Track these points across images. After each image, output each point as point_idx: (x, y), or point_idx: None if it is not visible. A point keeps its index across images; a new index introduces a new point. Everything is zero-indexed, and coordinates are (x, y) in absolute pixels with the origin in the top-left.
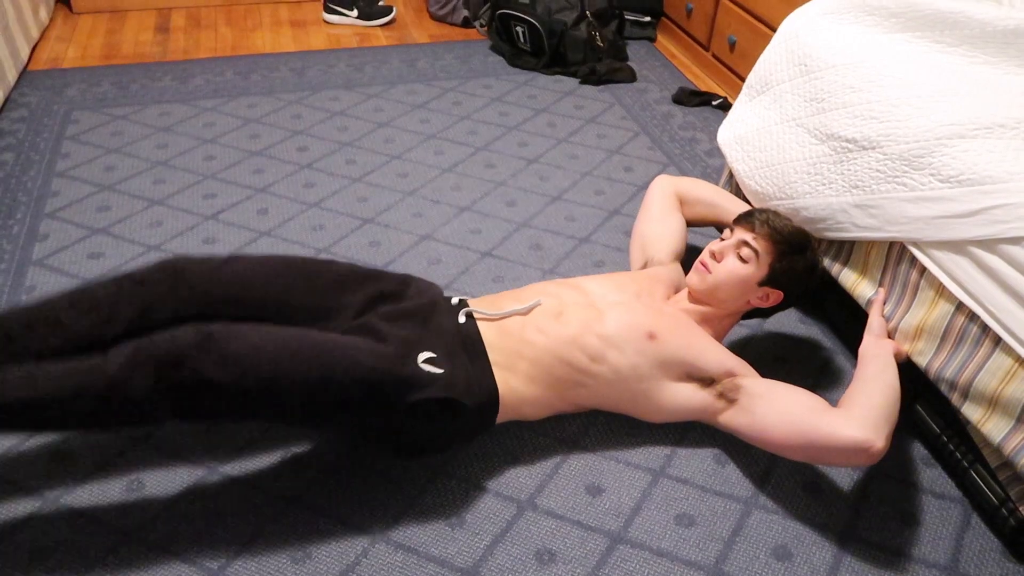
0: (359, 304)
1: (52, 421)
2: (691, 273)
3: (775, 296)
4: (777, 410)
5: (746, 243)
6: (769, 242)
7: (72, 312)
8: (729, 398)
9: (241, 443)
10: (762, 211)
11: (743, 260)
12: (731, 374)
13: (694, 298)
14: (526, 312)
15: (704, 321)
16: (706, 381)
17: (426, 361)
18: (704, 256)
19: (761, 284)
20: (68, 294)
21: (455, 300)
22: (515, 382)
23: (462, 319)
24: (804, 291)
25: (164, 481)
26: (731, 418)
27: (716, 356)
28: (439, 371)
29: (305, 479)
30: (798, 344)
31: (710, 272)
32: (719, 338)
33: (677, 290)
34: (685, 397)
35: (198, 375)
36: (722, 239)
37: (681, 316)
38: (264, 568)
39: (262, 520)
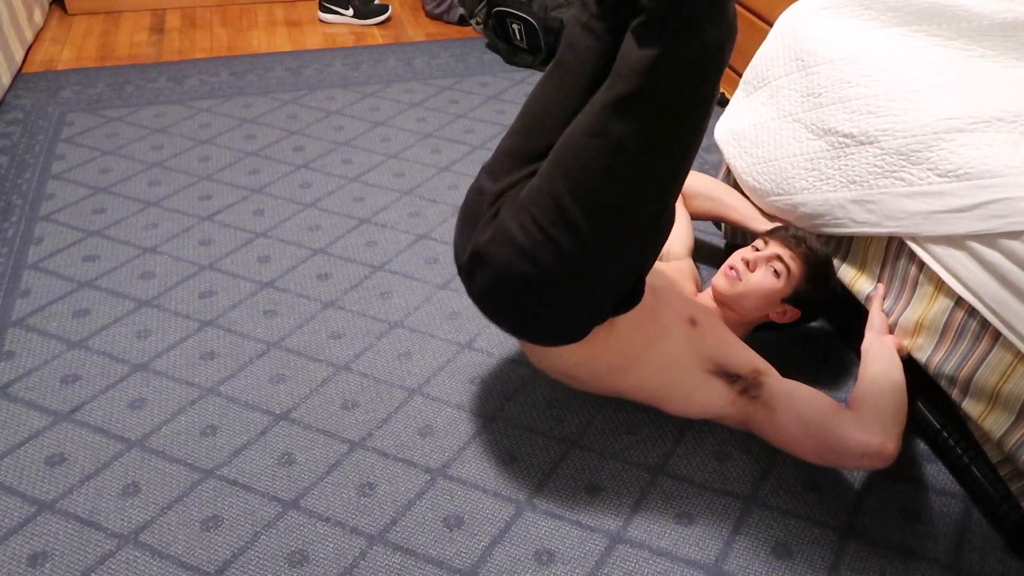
0: None
1: None
2: (719, 276)
3: (792, 314)
4: (796, 411)
5: (781, 258)
6: (803, 263)
7: None
8: (751, 395)
9: (237, 446)
10: (799, 229)
11: (776, 274)
12: (757, 372)
13: (718, 301)
14: None
15: (724, 323)
16: (732, 378)
17: None
18: (735, 262)
19: (784, 300)
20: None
21: None
22: (598, 338)
23: None
24: (817, 313)
25: (160, 484)
26: (751, 415)
27: (746, 353)
28: None
29: (302, 482)
30: (797, 340)
31: (740, 280)
32: None
33: (696, 284)
34: (714, 390)
35: None
36: (756, 248)
37: (715, 310)
38: (261, 572)
39: (259, 523)
